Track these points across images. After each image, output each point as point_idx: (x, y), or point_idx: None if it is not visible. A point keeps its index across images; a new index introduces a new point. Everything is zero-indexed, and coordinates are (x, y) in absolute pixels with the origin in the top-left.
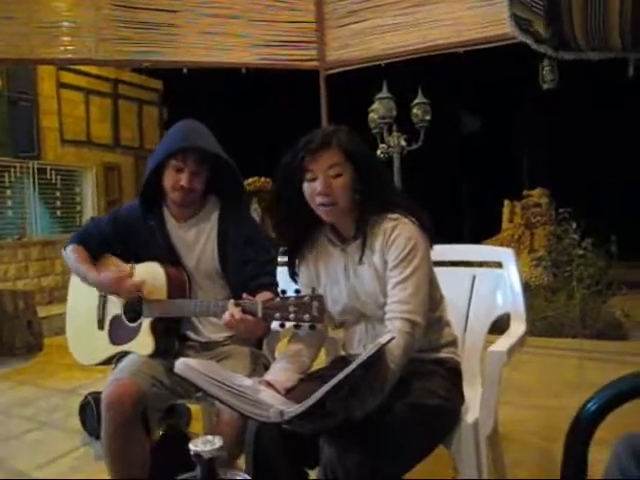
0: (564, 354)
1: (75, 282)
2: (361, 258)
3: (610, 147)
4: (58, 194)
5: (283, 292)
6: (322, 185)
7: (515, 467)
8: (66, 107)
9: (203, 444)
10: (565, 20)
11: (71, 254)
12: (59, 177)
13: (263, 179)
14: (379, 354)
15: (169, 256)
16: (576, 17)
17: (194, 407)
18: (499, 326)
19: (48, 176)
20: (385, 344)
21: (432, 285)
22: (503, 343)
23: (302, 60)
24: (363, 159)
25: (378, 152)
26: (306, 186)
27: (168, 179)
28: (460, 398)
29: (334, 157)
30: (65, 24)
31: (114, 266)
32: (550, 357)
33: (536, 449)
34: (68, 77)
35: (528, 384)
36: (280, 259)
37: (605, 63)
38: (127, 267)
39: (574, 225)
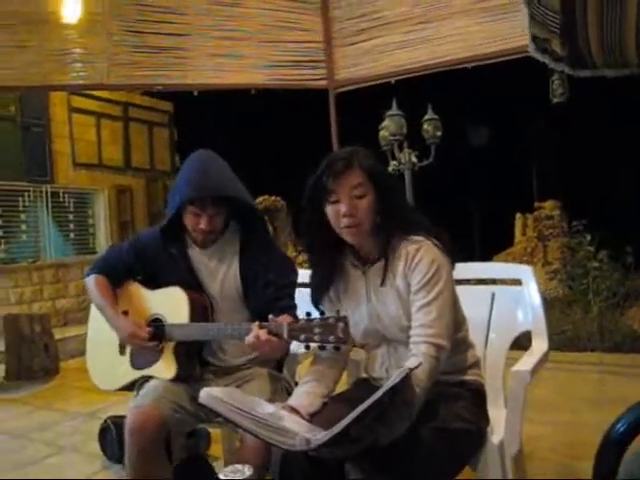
0: (582, 368)
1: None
2: (383, 281)
3: (623, 158)
4: (71, 217)
5: (308, 314)
6: (347, 206)
7: None
8: (78, 131)
9: (233, 473)
10: (581, 37)
11: (92, 285)
12: (72, 200)
13: (273, 198)
14: (406, 379)
15: (191, 282)
16: (592, 34)
17: (214, 430)
18: (518, 341)
19: (61, 199)
20: (413, 369)
21: (455, 307)
22: (526, 362)
23: (311, 79)
24: (383, 180)
25: (390, 169)
26: (329, 209)
27: (188, 221)
28: (485, 420)
29: (357, 178)
30: (77, 50)
31: (135, 302)
32: (568, 372)
33: (556, 466)
34: (79, 102)
35: (546, 400)
36: (301, 280)
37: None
38: (145, 327)
39: (588, 237)
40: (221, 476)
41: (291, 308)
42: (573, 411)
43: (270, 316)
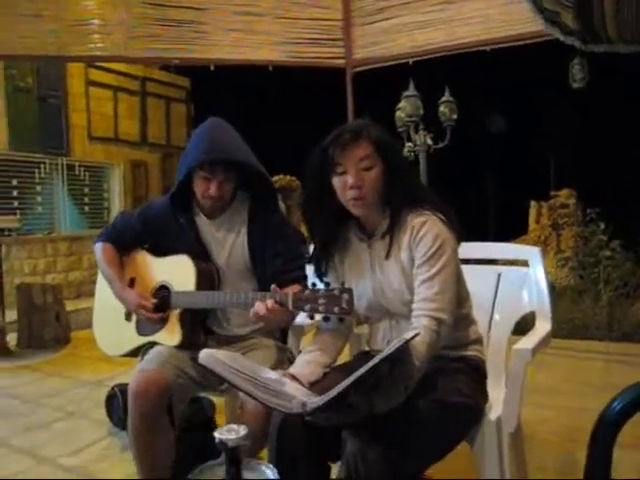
0: (590, 356)
1: None
2: (388, 254)
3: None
4: (86, 190)
5: (313, 285)
6: (354, 178)
7: (537, 467)
8: (94, 104)
9: (228, 432)
10: (596, 11)
11: (100, 253)
12: (87, 174)
13: (288, 177)
14: (404, 349)
15: (200, 252)
16: (608, 8)
17: (218, 400)
18: (523, 328)
19: (76, 172)
20: (410, 340)
21: (459, 282)
22: (528, 341)
23: (329, 58)
24: (392, 153)
25: (405, 150)
26: (336, 180)
27: (197, 187)
28: (484, 396)
29: (365, 150)
30: (95, 22)
31: (142, 270)
32: (575, 359)
33: (558, 449)
34: (97, 75)
35: (552, 385)
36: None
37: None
38: (151, 298)
39: (602, 226)
40: (216, 434)
41: (301, 279)
42: (577, 397)
43: (273, 286)
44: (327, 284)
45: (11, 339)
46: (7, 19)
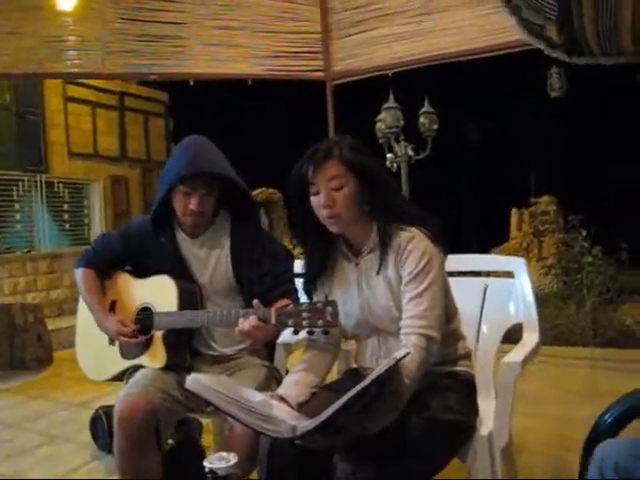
0: (575, 363)
1: None
2: (375, 271)
3: (619, 153)
4: (66, 207)
5: (297, 298)
6: (324, 198)
7: (527, 476)
8: (73, 120)
9: (218, 461)
10: (577, 24)
11: (81, 280)
12: (67, 190)
13: (270, 190)
14: (394, 369)
15: (181, 271)
16: (587, 21)
17: (205, 420)
18: (510, 336)
19: (56, 189)
20: (400, 359)
21: (447, 298)
22: (517, 354)
23: (308, 70)
24: (367, 170)
25: (387, 162)
26: (312, 199)
27: (178, 203)
28: (475, 412)
29: (335, 169)
30: (71, 38)
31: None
32: (560, 366)
33: (547, 458)
34: (75, 91)
35: (538, 393)
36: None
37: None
38: (131, 324)
39: (584, 232)
40: (206, 464)
41: (291, 292)
42: (564, 405)
43: (255, 301)
44: (310, 298)
45: None
46: None
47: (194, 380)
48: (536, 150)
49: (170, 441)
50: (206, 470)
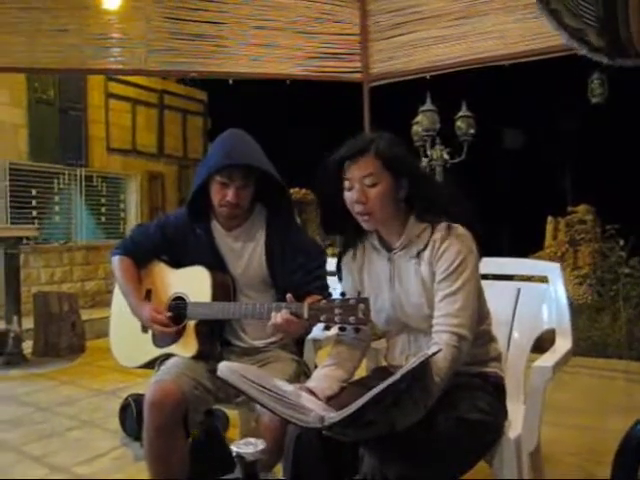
0: (609, 375)
1: None
2: (408, 268)
3: None
4: (103, 201)
5: (329, 295)
6: (357, 195)
7: None
8: (113, 116)
9: (245, 445)
10: (622, 26)
11: (117, 267)
12: (104, 184)
13: (303, 191)
14: (424, 366)
15: (216, 263)
16: (634, 21)
17: (232, 413)
18: (541, 346)
19: (94, 183)
20: (431, 356)
21: (480, 299)
22: (548, 359)
23: (346, 72)
24: (404, 167)
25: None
26: (346, 194)
27: (215, 194)
28: (503, 414)
29: (370, 166)
30: (116, 35)
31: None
32: (594, 378)
33: (577, 470)
34: (116, 88)
35: (570, 404)
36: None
37: None
38: (165, 312)
39: (621, 242)
40: (233, 448)
41: (322, 289)
42: (597, 416)
43: (288, 296)
44: (343, 294)
45: (27, 347)
46: (32, 33)
47: (225, 367)
48: (574, 158)
49: (198, 432)
50: (234, 455)
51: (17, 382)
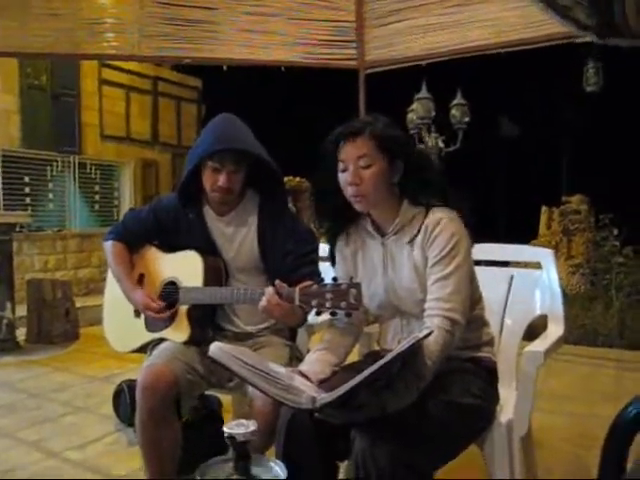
0: (601, 363)
1: None
2: (400, 252)
3: None
4: (97, 188)
5: (321, 280)
6: (351, 176)
7: (546, 473)
8: (107, 103)
9: (237, 427)
10: (617, 6)
11: (110, 251)
12: (98, 172)
13: (298, 179)
14: (415, 348)
15: (208, 248)
16: (629, 3)
17: (225, 398)
18: (532, 333)
19: (88, 170)
20: (422, 338)
21: (472, 283)
22: (540, 344)
23: (341, 59)
24: (399, 150)
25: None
26: (340, 176)
27: (206, 179)
28: (495, 398)
29: (364, 147)
30: (109, 20)
31: (151, 266)
32: (586, 366)
33: (568, 455)
34: (109, 74)
35: (562, 391)
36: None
37: None
38: (157, 299)
39: (615, 232)
40: (225, 429)
41: (313, 275)
42: (588, 404)
43: (277, 281)
44: (335, 279)
45: (20, 334)
46: (23, 17)
47: (217, 347)
48: (569, 147)
49: (190, 415)
50: (225, 435)
51: (11, 369)
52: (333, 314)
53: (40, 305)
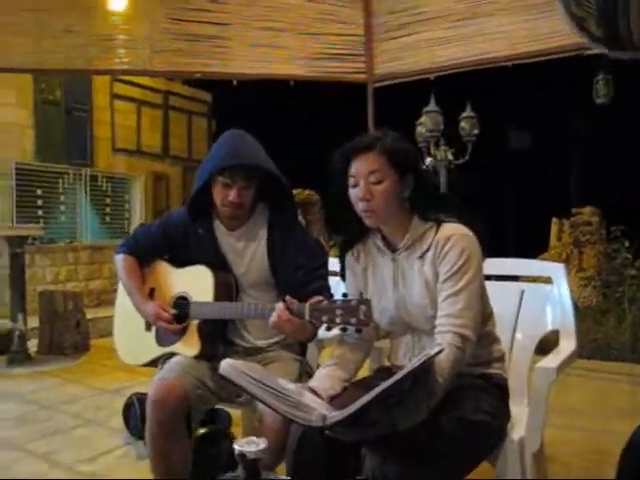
0: (613, 378)
1: None
2: (411, 268)
3: None
4: (108, 201)
5: (331, 296)
6: (362, 191)
7: None
8: (118, 117)
9: (248, 444)
10: (621, 17)
11: (121, 265)
12: (109, 185)
13: (307, 192)
14: (427, 366)
15: (218, 263)
16: (634, 13)
17: (235, 413)
18: (544, 348)
19: (99, 183)
20: (434, 355)
21: (483, 299)
22: (552, 360)
23: (350, 73)
24: (409, 165)
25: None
26: (351, 192)
27: (217, 194)
28: (506, 415)
29: (375, 163)
30: (121, 37)
31: (162, 281)
32: (599, 380)
33: (581, 471)
34: (121, 88)
35: (575, 406)
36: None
37: None
38: (170, 309)
39: (627, 244)
40: (236, 447)
41: (323, 290)
42: (601, 419)
43: (287, 297)
44: (345, 295)
45: (32, 345)
46: (38, 34)
47: (227, 364)
48: (579, 158)
49: (200, 430)
50: (236, 453)
51: (22, 380)
52: (343, 330)
53: (52, 317)
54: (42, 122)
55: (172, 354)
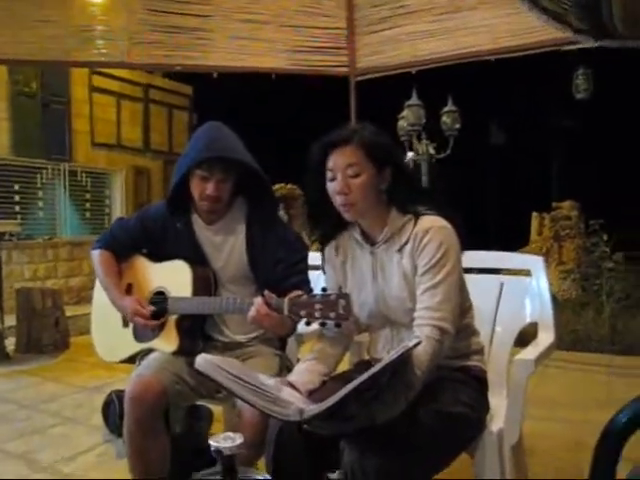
0: (592, 369)
1: None
2: (390, 261)
3: None
4: (88, 196)
5: (310, 291)
6: (340, 185)
7: (537, 477)
8: (97, 111)
9: (224, 440)
10: (605, 7)
11: (97, 261)
12: (89, 179)
13: (289, 186)
14: (404, 358)
15: (196, 257)
16: (615, 6)
17: (216, 409)
18: (523, 340)
19: (78, 178)
20: (411, 348)
21: (462, 292)
22: (530, 352)
23: (332, 66)
24: (387, 158)
25: (407, 159)
26: (329, 185)
27: (195, 188)
28: (485, 407)
29: (353, 156)
30: (99, 27)
31: (139, 276)
32: (577, 372)
33: (560, 462)
34: (100, 81)
35: (554, 398)
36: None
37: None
38: (147, 305)
39: (605, 237)
40: (212, 442)
41: (303, 284)
42: (579, 410)
43: (266, 291)
44: (324, 289)
45: (9, 344)
46: (13, 24)
47: (203, 360)
48: (559, 153)
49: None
50: (212, 449)
51: (0, 379)
52: (322, 324)
53: (30, 314)
54: (18, 115)
55: (150, 350)
